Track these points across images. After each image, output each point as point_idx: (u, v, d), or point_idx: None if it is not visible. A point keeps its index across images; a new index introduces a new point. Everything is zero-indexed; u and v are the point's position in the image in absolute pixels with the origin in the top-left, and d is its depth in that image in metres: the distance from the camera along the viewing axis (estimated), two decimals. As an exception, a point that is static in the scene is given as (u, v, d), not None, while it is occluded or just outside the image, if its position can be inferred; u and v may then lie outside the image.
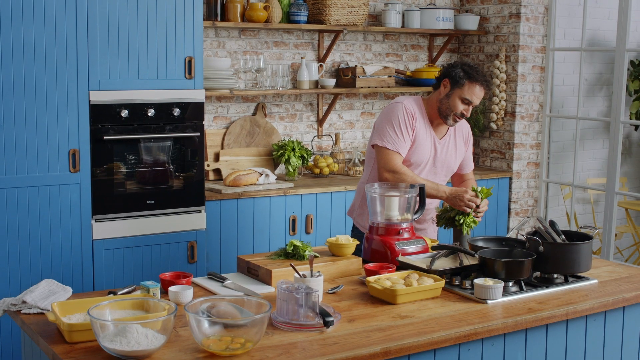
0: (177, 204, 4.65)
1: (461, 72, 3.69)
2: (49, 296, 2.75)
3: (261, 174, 5.14)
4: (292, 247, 3.22)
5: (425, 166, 3.80)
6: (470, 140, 4.03)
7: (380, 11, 6.02)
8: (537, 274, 3.20)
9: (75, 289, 4.10)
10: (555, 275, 3.17)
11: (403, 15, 6.06)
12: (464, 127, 3.97)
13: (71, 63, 4.25)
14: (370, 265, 3.17)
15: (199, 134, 4.66)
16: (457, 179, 4.05)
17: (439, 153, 3.82)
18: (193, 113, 4.64)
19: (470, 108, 3.74)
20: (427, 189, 3.59)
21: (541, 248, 3.09)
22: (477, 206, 3.57)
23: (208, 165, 5.29)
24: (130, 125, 4.46)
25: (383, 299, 2.90)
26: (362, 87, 5.76)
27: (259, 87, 5.49)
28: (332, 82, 5.67)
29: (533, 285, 3.10)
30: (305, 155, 5.45)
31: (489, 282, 2.93)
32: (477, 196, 3.57)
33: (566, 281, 3.16)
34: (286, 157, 5.38)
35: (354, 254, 3.39)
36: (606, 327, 3.08)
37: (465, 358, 2.68)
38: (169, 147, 4.62)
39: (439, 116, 3.77)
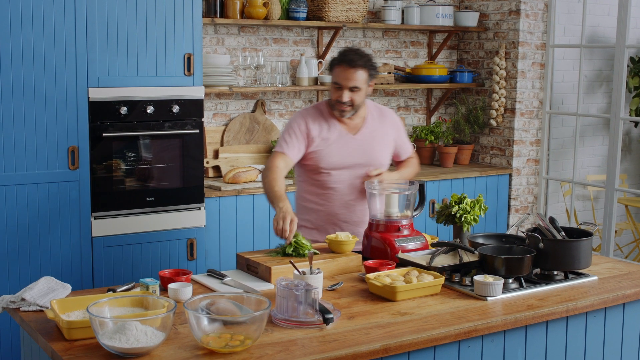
0: (176, 201, 4.65)
1: (331, 60, 3.63)
2: (48, 293, 2.74)
3: (260, 171, 5.14)
4: (292, 249, 3.22)
5: (345, 167, 3.66)
6: (399, 124, 3.86)
7: (380, 8, 6.01)
8: (537, 270, 3.20)
9: (75, 286, 4.09)
10: (555, 272, 3.16)
11: (402, 11, 6.05)
12: (385, 115, 3.81)
13: (70, 60, 4.24)
14: (370, 262, 3.16)
15: (198, 131, 4.66)
16: (400, 166, 3.94)
17: (357, 150, 3.67)
18: (192, 110, 4.63)
19: (347, 93, 3.54)
20: (270, 193, 3.46)
21: (541, 245, 3.08)
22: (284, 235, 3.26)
23: (207, 162, 5.29)
24: (129, 122, 4.45)
25: (383, 295, 2.89)
26: (361, 84, 5.75)
27: (258, 84, 5.49)
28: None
29: (533, 282, 3.10)
30: (304, 152, 5.44)
31: (488, 278, 2.93)
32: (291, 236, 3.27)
33: (566, 278, 3.16)
34: (285, 154, 5.36)
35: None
36: (606, 324, 3.08)
37: (465, 355, 2.68)
38: (169, 144, 4.61)
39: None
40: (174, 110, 4.56)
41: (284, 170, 3.57)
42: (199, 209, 4.72)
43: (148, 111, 4.48)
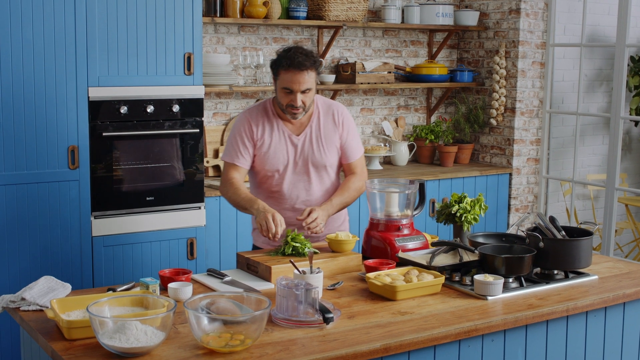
0: (176, 200, 4.64)
1: (274, 63, 3.40)
2: (48, 293, 2.74)
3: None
4: (290, 249, 3.21)
5: (287, 170, 3.52)
6: (346, 122, 3.61)
7: (380, 7, 6.01)
8: (537, 270, 3.20)
9: (75, 285, 4.09)
10: (556, 272, 3.16)
11: (402, 11, 6.05)
12: (333, 109, 3.60)
13: (70, 59, 4.24)
14: (370, 261, 3.16)
15: (198, 130, 4.66)
16: (345, 169, 3.67)
17: (300, 151, 3.52)
18: (192, 109, 4.63)
19: (300, 96, 3.37)
20: (241, 200, 3.40)
21: (541, 244, 3.08)
22: (274, 236, 3.22)
23: (207, 162, 5.29)
24: (129, 121, 4.45)
25: (383, 295, 2.89)
26: (361, 83, 5.76)
27: (258, 83, 5.48)
28: (331, 78, 5.67)
29: (533, 281, 3.10)
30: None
31: (489, 278, 2.93)
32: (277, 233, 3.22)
33: (566, 277, 3.16)
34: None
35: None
36: (606, 323, 3.08)
37: (466, 354, 2.68)
38: (169, 143, 4.61)
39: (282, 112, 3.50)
40: (174, 110, 4.56)
41: (241, 181, 3.50)
42: (199, 208, 4.72)
43: (148, 110, 4.48)
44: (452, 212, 3.55)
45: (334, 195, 3.54)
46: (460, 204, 3.52)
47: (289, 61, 3.35)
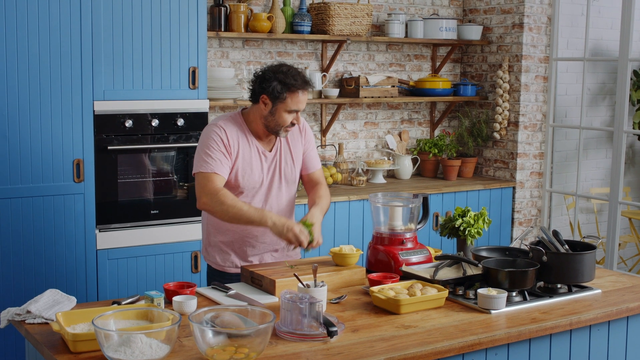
0: (180, 213, 4.66)
1: (278, 86, 3.27)
2: (53, 306, 2.75)
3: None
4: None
5: (262, 187, 3.43)
6: (308, 131, 3.59)
7: (384, 21, 6.03)
8: (541, 283, 3.20)
9: (79, 298, 4.10)
10: (559, 285, 3.17)
11: (406, 25, 6.08)
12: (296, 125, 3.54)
13: (76, 73, 4.27)
14: (374, 275, 3.17)
15: (202, 144, 4.67)
16: (307, 180, 3.61)
17: (275, 166, 3.45)
18: (197, 123, 4.65)
19: (299, 114, 3.37)
20: (248, 214, 3.21)
21: (545, 258, 3.09)
22: (310, 241, 3.22)
23: (212, 175, 5.29)
24: (134, 135, 4.47)
25: (387, 308, 2.90)
26: (365, 97, 5.77)
27: (262, 97, 5.50)
28: (335, 92, 5.69)
29: (536, 295, 3.10)
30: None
31: (492, 292, 2.93)
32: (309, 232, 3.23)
33: (570, 291, 3.16)
34: (289, 167, 5.37)
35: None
36: (610, 337, 3.08)
37: (469, 368, 2.68)
38: (173, 157, 4.63)
39: (268, 132, 3.39)
40: (179, 124, 4.58)
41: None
42: (203, 221, 4.73)
43: (153, 124, 4.50)
44: (456, 225, 3.56)
45: (315, 206, 3.44)
46: (464, 218, 3.53)
47: (300, 82, 3.31)
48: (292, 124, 3.38)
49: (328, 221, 5.24)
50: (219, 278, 3.46)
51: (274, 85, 3.28)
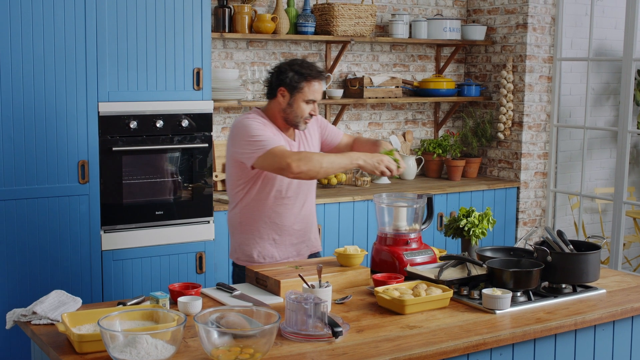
0: (185, 214, 4.66)
1: (295, 76, 3.40)
2: (58, 307, 2.76)
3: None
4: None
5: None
6: (319, 117, 3.72)
7: (388, 22, 6.04)
8: (545, 284, 3.20)
9: (85, 299, 4.11)
10: (564, 285, 3.17)
11: (410, 25, 6.08)
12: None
13: (80, 75, 4.28)
14: (379, 275, 3.17)
15: (207, 144, 4.68)
16: (342, 148, 3.77)
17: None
18: (201, 124, 4.66)
19: (316, 105, 3.47)
20: (338, 160, 3.32)
21: (549, 258, 3.09)
22: (398, 166, 3.41)
23: (216, 176, 5.31)
24: (139, 136, 4.48)
25: (391, 309, 2.90)
26: (369, 98, 5.78)
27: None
28: (339, 92, 5.69)
29: (541, 295, 3.10)
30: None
31: (497, 292, 2.93)
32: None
33: (574, 291, 3.16)
34: (294, 167, 5.38)
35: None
36: (615, 337, 3.08)
37: (474, 368, 2.68)
38: (178, 158, 4.64)
39: (288, 124, 3.50)
40: (183, 125, 4.59)
41: None
42: (208, 222, 4.74)
43: (157, 125, 4.51)
44: (460, 226, 3.57)
45: (372, 141, 3.67)
46: (468, 218, 3.53)
47: (315, 71, 3.43)
48: (311, 115, 3.47)
49: (332, 222, 5.25)
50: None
51: (290, 75, 3.40)
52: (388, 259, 3.36)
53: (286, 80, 3.41)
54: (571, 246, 3.20)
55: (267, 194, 3.49)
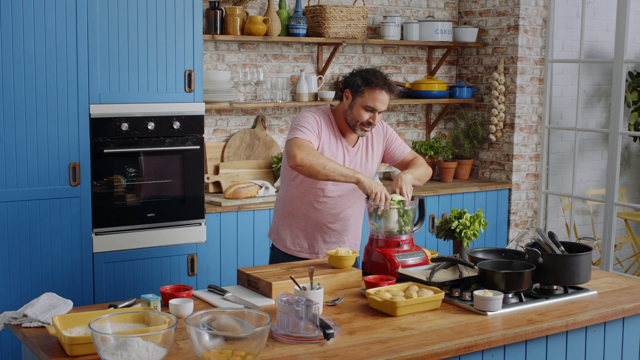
0: (177, 216, 4.66)
1: (359, 80, 3.54)
2: (49, 309, 2.75)
3: (261, 187, 5.16)
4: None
5: None
6: (389, 132, 3.81)
7: (379, 24, 6.04)
8: (537, 285, 3.21)
9: (76, 302, 4.10)
10: (555, 287, 3.17)
11: (402, 27, 6.09)
12: (377, 126, 3.78)
13: (71, 76, 4.27)
14: (370, 277, 3.17)
15: (198, 146, 4.68)
16: (402, 167, 3.85)
17: (354, 162, 3.68)
18: (193, 126, 4.65)
19: (377, 115, 3.57)
20: (341, 169, 3.40)
21: (540, 259, 3.09)
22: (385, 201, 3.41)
23: (208, 178, 5.30)
24: (130, 138, 4.47)
25: (383, 311, 2.90)
26: (361, 100, 5.77)
27: (258, 100, 5.51)
28: (331, 94, 5.69)
29: (532, 296, 3.11)
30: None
31: (488, 293, 2.94)
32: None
33: (566, 292, 3.17)
34: (286, 169, 5.38)
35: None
36: (606, 338, 3.09)
37: (466, 370, 2.68)
38: (169, 160, 4.63)
39: (349, 127, 3.62)
40: (175, 127, 4.58)
41: None
42: (200, 224, 4.73)
43: (149, 127, 4.50)
44: (452, 227, 3.57)
45: (406, 171, 3.65)
46: (460, 220, 3.54)
47: (382, 81, 3.53)
48: (369, 123, 3.57)
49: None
50: (287, 260, 3.69)
51: (355, 79, 3.56)
52: (380, 261, 3.37)
53: (351, 82, 3.57)
54: (562, 248, 3.20)
55: (309, 187, 3.63)
